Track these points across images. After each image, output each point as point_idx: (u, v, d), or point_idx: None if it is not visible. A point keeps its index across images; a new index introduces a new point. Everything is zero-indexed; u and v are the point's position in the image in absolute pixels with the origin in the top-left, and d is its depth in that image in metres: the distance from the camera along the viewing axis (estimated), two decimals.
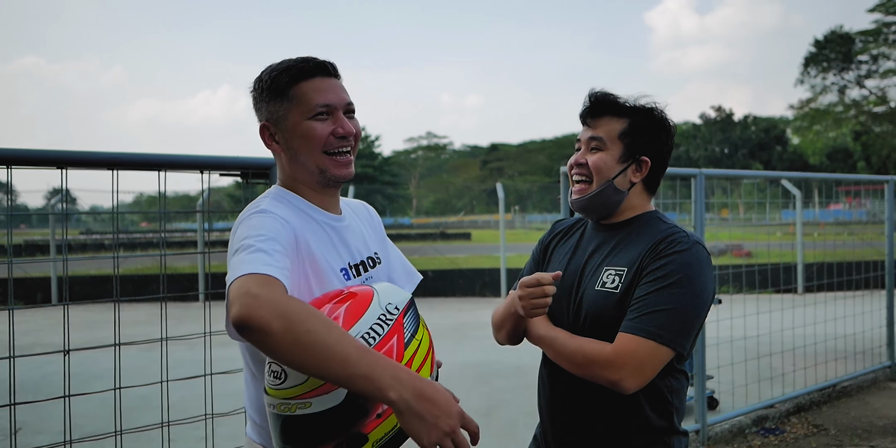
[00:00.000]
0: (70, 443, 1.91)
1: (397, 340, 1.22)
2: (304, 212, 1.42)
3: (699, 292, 1.46)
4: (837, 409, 4.98)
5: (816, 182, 9.03)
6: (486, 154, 71.48)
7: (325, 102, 1.38)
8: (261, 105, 1.43)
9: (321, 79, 1.40)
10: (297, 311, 1.08)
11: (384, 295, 1.28)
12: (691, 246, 1.48)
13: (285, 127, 1.40)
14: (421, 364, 1.24)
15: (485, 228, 34.01)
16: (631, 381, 1.42)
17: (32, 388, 1.90)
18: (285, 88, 1.38)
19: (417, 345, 1.24)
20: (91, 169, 1.98)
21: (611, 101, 1.58)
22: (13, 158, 1.85)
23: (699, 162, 47.88)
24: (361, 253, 1.50)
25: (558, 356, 1.53)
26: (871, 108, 41.99)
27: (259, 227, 1.27)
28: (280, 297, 1.10)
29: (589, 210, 1.62)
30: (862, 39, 40.26)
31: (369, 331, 1.20)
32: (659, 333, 1.42)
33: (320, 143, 1.39)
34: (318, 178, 1.42)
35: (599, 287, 1.54)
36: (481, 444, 1.27)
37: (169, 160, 2.09)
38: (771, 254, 7.57)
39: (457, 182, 64.90)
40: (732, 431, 4.40)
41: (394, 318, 1.24)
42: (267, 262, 1.17)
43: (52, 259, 7.26)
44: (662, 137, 1.60)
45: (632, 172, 1.59)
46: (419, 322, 1.29)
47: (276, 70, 1.40)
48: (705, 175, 4.33)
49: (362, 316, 1.21)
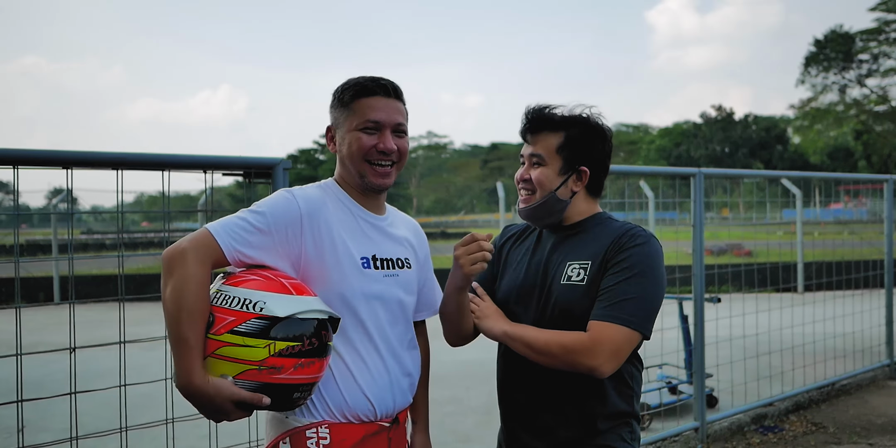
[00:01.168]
0: (76, 439, 1.94)
1: (228, 324, 1.36)
2: (341, 202, 1.61)
3: (659, 281, 1.59)
4: (836, 408, 5.00)
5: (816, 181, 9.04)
6: (486, 153, 71.39)
7: (376, 119, 1.58)
8: (331, 111, 1.65)
9: (379, 98, 1.60)
10: (183, 266, 1.38)
11: (305, 302, 1.41)
12: (648, 239, 1.60)
13: (342, 133, 1.62)
14: (229, 358, 1.35)
15: (485, 228, 34.03)
16: (608, 365, 1.52)
17: (35, 387, 1.92)
18: (350, 101, 1.60)
19: (242, 343, 1.34)
20: (96, 169, 2.00)
21: (545, 117, 1.67)
22: (19, 159, 1.87)
23: (700, 161, 47.83)
24: (393, 252, 1.65)
25: (529, 349, 1.58)
26: (871, 107, 41.94)
27: (272, 203, 1.52)
28: (192, 259, 1.39)
29: (535, 218, 1.72)
30: (863, 38, 40.19)
31: (235, 298, 1.38)
32: (630, 320, 1.52)
33: (363, 152, 1.58)
34: (359, 181, 1.61)
35: (565, 281, 1.63)
36: (483, 440, 1.29)
37: (172, 160, 2.11)
38: (771, 253, 7.58)
39: (457, 181, 64.92)
40: (732, 429, 4.42)
41: (252, 311, 1.36)
42: (233, 232, 1.45)
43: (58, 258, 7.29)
44: (598, 145, 1.69)
45: (573, 182, 1.68)
46: (265, 336, 1.35)
47: (347, 85, 1.62)
48: (704, 174, 4.34)
49: (257, 288, 1.39)
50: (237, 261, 1.46)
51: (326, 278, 1.52)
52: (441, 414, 4.78)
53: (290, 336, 1.36)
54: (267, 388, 1.35)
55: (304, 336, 1.38)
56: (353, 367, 1.54)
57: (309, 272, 1.52)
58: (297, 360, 1.36)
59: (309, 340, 1.38)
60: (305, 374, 1.39)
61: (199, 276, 1.38)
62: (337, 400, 1.52)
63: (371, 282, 1.57)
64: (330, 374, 1.52)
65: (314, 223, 1.51)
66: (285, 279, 1.45)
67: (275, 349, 1.34)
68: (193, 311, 1.35)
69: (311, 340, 1.39)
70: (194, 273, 1.38)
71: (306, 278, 1.52)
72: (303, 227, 1.50)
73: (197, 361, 1.34)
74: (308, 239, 1.51)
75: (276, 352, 1.34)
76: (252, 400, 1.34)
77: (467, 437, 4.37)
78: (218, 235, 1.43)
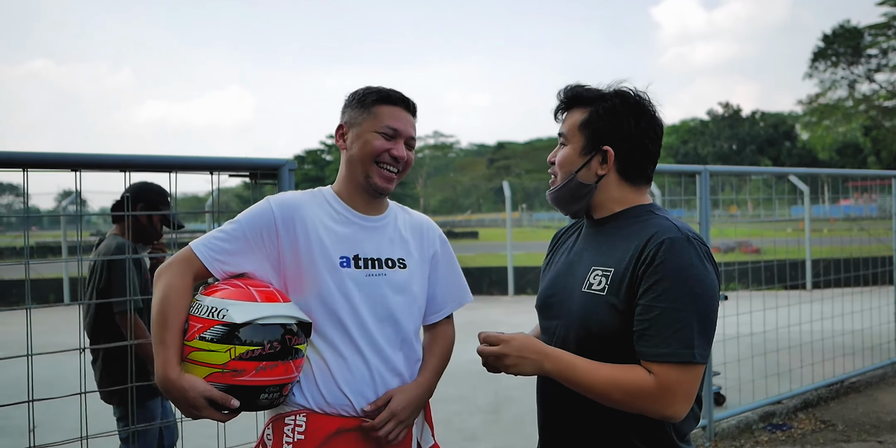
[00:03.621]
0: (86, 439, 1.96)
1: (197, 330, 1.46)
2: (329, 204, 1.67)
3: (707, 292, 1.34)
4: (845, 405, 4.97)
5: (825, 178, 8.99)
6: (492, 152, 71.35)
7: (395, 126, 1.66)
8: (346, 110, 1.71)
9: (401, 109, 1.69)
10: (166, 278, 1.52)
11: (269, 309, 1.48)
12: (681, 245, 1.35)
13: (356, 132, 1.67)
14: (198, 362, 1.45)
15: (492, 227, 34.01)
16: (682, 408, 1.34)
17: (46, 387, 1.94)
18: (371, 105, 1.67)
19: (207, 348, 1.44)
20: (104, 171, 2.02)
21: (576, 93, 1.51)
22: (28, 162, 1.89)
23: (707, 158, 47.64)
24: (382, 252, 1.67)
25: (584, 392, 1.38)
26: (881, 102, 41.60)
27: (247, 212, 1.63)
28: (174, 271, 1.53)
29: (560, 204, 1.57)
30: (871, 33, 39.88)
31: (205, 307, 1.47)
32: (692, 353, 1.31)
33: (374, 154, 1.64)
34: (363, 182, 1.66)
35: (586, 288, 1.45)
36: (491, 439, 1.30)
37: (179, 162, 2.13)
38: (779, 250, 7.55)
39: (464, 181, 64.85)
40: (739, 427, 4.41)
41: (214, 318, 1.45)
42: (211, 244, 1.57)
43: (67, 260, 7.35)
44: (630, 121, 1.45)
45: (597, 164, 1.48)
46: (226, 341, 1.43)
47: (371, 89, 1.69)
48: (710, 172, 4.33)
49: (224, 296, 1.49)
50: (219, 270, 1.57)
51: (304, 278, 1.59)
52: (448, 412, 4.79)
53: (250, 341, 1.44)
54: (232, 389, 1.44)
55: (264, 341, 1.45)
56: (331, 364, 1.59)
57: (288, 273, 1.60)
58: (257, 364, 1.44)
59: (270, 344, 1.45)
60: (269, 376, 1.46)
61: (178, 286, 1.51)
62: (314, 394, 1.59)
63: (349, 281, 1.60)
64: (309, 370, 1.59)
65: (289, 225, 1.60)
66: (256, 287, 1.53)
67: (235, 353, 1.43)
68: (169, 316, 1.48)
69: (273, 344, 1.45)
70: (174, 284, 1.51)
71: (287, 279, 1.61)
72: (278, 230, 1.59)
73: (172, 359, 1.45)
74: (284, 241, 1.59)
75: (237, 355, 1.43)
76: (222, 400, 1.43)
77: (474, 435, 4.37)
78: (196, 249, 1.56)
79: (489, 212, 47.97)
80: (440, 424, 1.90)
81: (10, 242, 18.96)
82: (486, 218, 42.73)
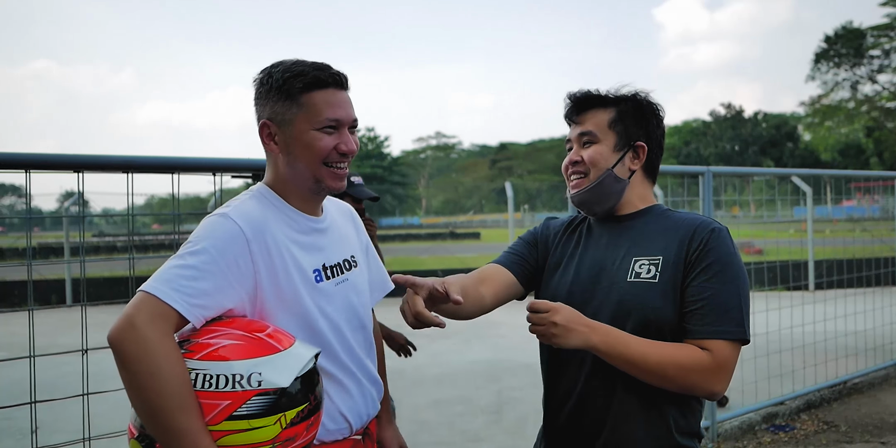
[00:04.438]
0: (89, 440, 1.96)
1: (224, 410, 1.14)
2: (280, 211, 1.42)
3: (746, 277, 1.47)
4: (848, 406, 4.96)
5: (827, 179, 8.98)
6: (495, 153, 71.39)
7: (336, 117, 1.39)
8: (265, 102, 1.41)
9: (334, 91, 1.40)
10: (144, 346, 1.15)
11: (298, 355, 1.21)
12: (725, 232, 1.46)
13: (290, 132, 1.39)
14: (239, 446, 1.15)
15: (494, 227, 34.02)
16: (727, 384, 1.41)
17: (49, 389, 1.94)
18: (297, 94, 1.37)
19: (248, 427, 1.14)
20: (106, 172, 2.03)
21: (593, 95, 1.55)
22: (31, 163, 1.89)
23: (709, 159, 47.63)
24: (340, 255, 1.49)
25: (634, 366, 1.38)
26: (883, 103, 41.57)
27: (210, 235, 1.29)
28: (154, 336, 1.15)
29: (591, 203, 1.55)
30: (874, 34, 39.85)
31: (219, 377, 1.15)
32: (741, 330, 1.41)
33: (322, 155, 1.39)
34: (312, 186, 1.42)
35: (633, 278, 1.46)
36: (493, 440, 1.30)
37: (182, 163, 2.13)
38: (781, 251, 7.54)
39: (466, 181, 64.87)
40: (742, 428, 4.41)
41: (249, 387, 1.15)
42: (182, 286, 1.21)
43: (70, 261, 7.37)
44: (653, 121, 1.56)
45: (630, 160, 1.54)
46: (274, 411, 1.16)
47: (289, 72, 1.38)
48: (713, 173, 4.33)
49: (241, 356, 1.17)
50: (201, 320, 1.24)
51: (283, 303, 1.35)
52: (450, 414, 4.79)
53: (298, 401, 1.19)
54: None
55: (308, 395, 1.22)
56: (330, 391, 1.41)
57: (266, 300, 1.34)
58: (307, 422, 1.22)
59: (314, 395, 1.24)
60: (315, 429, 1.27)
61: (169, 352, 1.16)
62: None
63: (326, 296, 1.42)
64: None
65: (261, 245, 1.32)
66: (260, 332, 1.25)
67: (286, 421, 1.17)
68: (186, 396, 1.15)
69: (317, 393, 1.25)
70: (162, 350, 1.15)
71: (264, 308, 1.34)
72: (252, 254, 1.30)
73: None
74: (260, 264, 1.32)
75: (289, 422, 1.18)
76: None
77: (477, 436, 4.36)
78: (167, 297, 1.19)
79: (491, 212, 47.97)
80: (443, 426, 1.89)
81: (13, 243, 19.01)
82: (489, 219, 42.74)
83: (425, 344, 7.67)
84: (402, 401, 5.10)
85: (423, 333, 8.20)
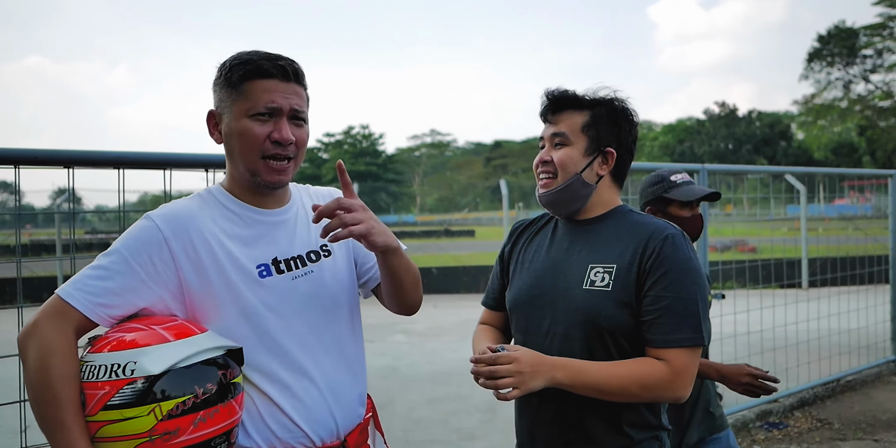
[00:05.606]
0: None
1: (101, 399, 1.15)
2: (224, 207, 1.39)
3: (703, 281, 1.48)
4: (841, 404, 4.98)
5: (820, 177, 9.01)
6: (489, 151, 71.41)
7: (270, 105, 1.32)
8: (215, 90, 1.39)
9: (277, 82, 1.34)
10: (38, 342, 1.21)
11: (188, 345, 1.20)
12: (676, 237, 1.47)
13: (227, 120, 1.36)
14: (113, 438, 1.15)
15: (489, 225, 34.02)
16: (688, 391, 1.44)
17: None
18: (238, 82, 1.33)
19: (121, 417, 1.14)
20: (97, 168, 2.00)
21: (570, 96, 1.56)
22: (20, 158, 1.86)
23: (703, 157, 47.77)
24: (301, 247, 1.42)
25: (600, 393, 1.41)
26: (876, 102, 41.77)
27: (125, 236, 1.32)
28: (47, 333, 1.21)
29: (557, 205, 1.58)
30: (866, 33, 40.02)
31: (101, 367, 1.17)
32: (698, 336, 1.43)
33: (257, 146, 1.33)
34: (249, 180, 1.38)
35: (588, 286, 1.48)
36: (488, 438, 1.29)
37: (173, 159, 2.10)
38: (775, 249, 7.55)
39: (461, 179, 64.90)
40: (736, 426, 4.41)
41: (123, 376, 1.15)
42: (86, 286, 1.25)
43: (61, 258, 7.33)
44: (626, 127, 1.57)
45: (598, 165, 1.55)
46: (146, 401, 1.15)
47: (238, 59, 1.35)
48: (708, 170, 4.33)
49: (124, 347, 1.18)
50: (105, 317, 1.25)
51: (218, 300, 1.31)
52: (445, 412, 4.78)
53: (176, 393, 1.16)
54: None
55: (195, 387, 1.17)
56: (274, 395, 1.34)
57: (196, 299, 1.31)
58: (194, 416, 1.17)
59: (203, 389, 1.18)
60: (212, 426, 1.19)
61: (56, 348, 1.19)
62: (263, 433, 1.33)
63: (276, 292, 1.35)
64: (252, 406, 1.33)
65: (184, 242, 1.30)
66: (159, 324, 1.24)
67: (162, 412, 1.15)
68: (58, 389, 1.17)
69: (207, 387, 1.19)
70: (50, 346, 1.18)
71: (195, 306, 1.31)
72: (172, 251, 1.29)
73: (79, 443, 1.16)
74: (183, 263, 1.30)
75: (165, 414, 1.15)
76: None
77: (472, 434, 4.36)
78: (69, 296, 1.23)
79: (486, 210, 47.97)
80: (437, 424, 1.89)
81: (3, 240, 18.90)
82: (483, 216, 42.75)
83: (420, 342, 7.67)
84: (396, 399, 5.09)
85: (418, 331, 8.19)
